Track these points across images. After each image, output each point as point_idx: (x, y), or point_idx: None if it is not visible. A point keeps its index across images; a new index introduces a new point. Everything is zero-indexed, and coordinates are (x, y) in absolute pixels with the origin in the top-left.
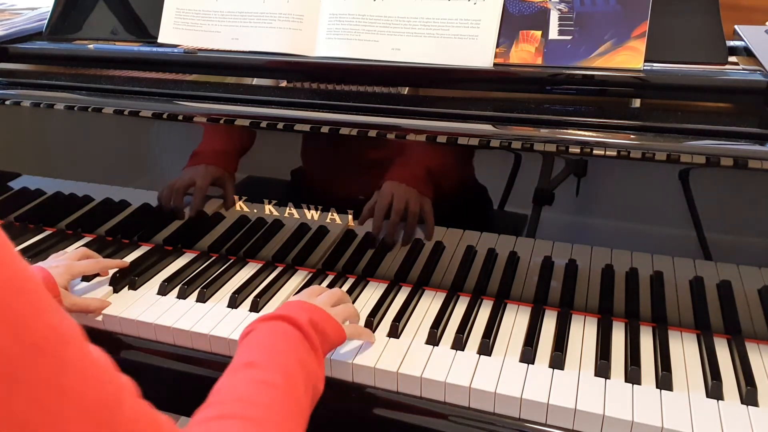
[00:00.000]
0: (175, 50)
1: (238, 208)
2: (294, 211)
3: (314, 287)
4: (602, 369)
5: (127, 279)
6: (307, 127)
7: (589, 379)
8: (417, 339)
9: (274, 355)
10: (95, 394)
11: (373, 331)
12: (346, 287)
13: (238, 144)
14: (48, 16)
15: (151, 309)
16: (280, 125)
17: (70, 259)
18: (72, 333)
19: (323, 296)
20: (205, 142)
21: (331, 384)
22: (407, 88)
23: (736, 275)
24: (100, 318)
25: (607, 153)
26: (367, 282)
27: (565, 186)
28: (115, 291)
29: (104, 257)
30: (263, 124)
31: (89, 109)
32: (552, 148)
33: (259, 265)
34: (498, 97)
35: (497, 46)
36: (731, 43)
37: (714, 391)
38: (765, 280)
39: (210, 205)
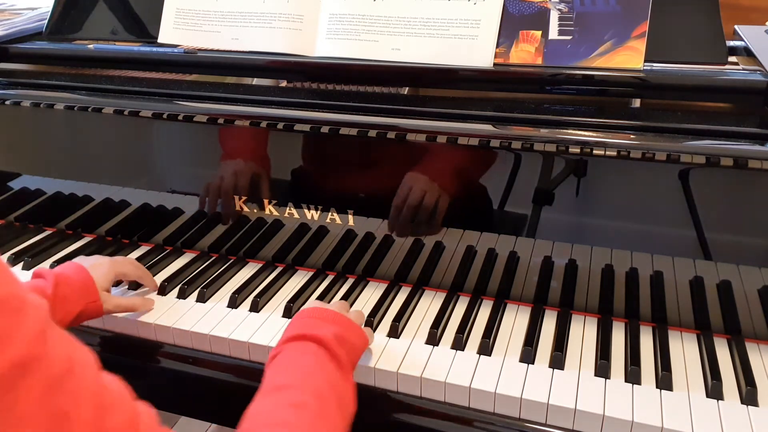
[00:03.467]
0: (175, 50)
1: (237, 208)
2: (294, 211)
3: (321, 303)
4: (602, 369)
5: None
6: (307, 127)
7: (589, 379)
8: (417, 339)
9: (305, 377)
10: (108, 423)
11: (373, 331)
12: (346, 287)
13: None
14: (48, 16)
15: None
16: (280, 125)
17: (115, 259)
18: (83, 360)
19: (336, 305)
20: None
21: None
22: (407, 88)
23: (736, 275)
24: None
25: (607, 153)
26: (367, 282)
27: (565, 186)
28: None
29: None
30: (263, 124)
31: (89, 109)
32: (552, 148)
33: (259, 265)
34: (498, 97)
35: (497, 46)
36: (731, 43)
37: (714, 391)
38: (765, 280)
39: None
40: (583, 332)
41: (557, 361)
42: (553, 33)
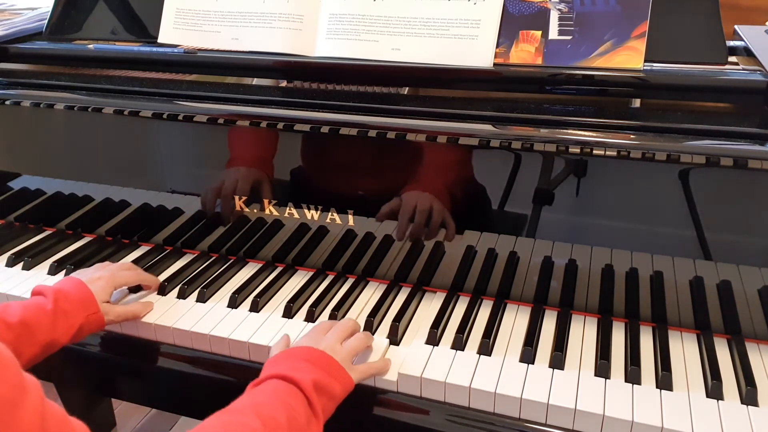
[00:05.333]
0: (175, 50)
1: (238, 208)
2: (294, 211)
3: (323, 323)
4: (602, 369)
5: None
6: (307, 127)
7: (589, 379)
8: (417, 339)
9: (261, 408)
10: None
11: (373, 332)
12: (346, 287)
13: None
14: (48, 16)
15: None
16: (280, 125)
17: (113, 270)
18: None
19: (332, 332)
20: (244, 147)
21: None
22: (407, 88)
23: (736, 275)
24: None
25: (607, 153)
26: (367, 282)
27: (565, 186)
28: None
29: (104, 257)
30: (263, 124)
31: (89, 109)
32: (552, 148)
33: (259, 265)
34: (498, 97)
35: (497, 46)
36: (731, 43)
37: (714, 391)
38: (765, 280)
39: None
40: (583, 332)
41: (557, 361)
42: (553, 33)
